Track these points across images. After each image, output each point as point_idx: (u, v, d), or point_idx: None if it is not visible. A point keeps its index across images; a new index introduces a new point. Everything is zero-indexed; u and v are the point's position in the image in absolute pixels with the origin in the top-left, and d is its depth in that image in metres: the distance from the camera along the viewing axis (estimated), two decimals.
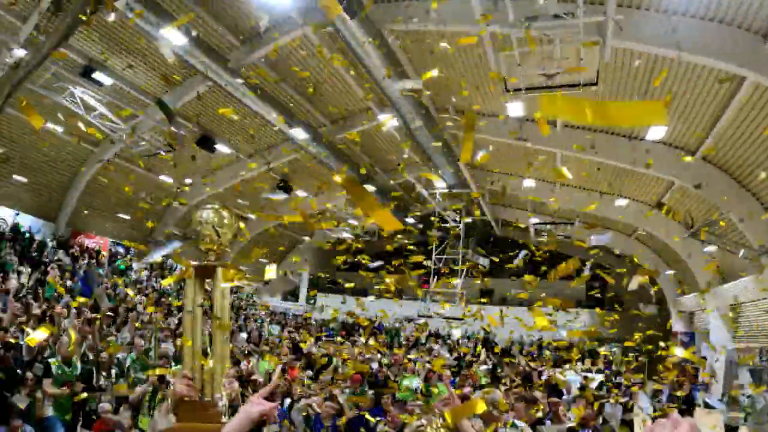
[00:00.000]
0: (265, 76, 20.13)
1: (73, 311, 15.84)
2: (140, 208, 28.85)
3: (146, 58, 20.54)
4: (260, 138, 26.26)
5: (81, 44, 19.37)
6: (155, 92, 22.37)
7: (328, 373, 13.61)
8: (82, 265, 25.20)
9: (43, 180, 26.90)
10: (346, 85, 21.02)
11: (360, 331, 31.77)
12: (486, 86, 18.72)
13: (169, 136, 23.01)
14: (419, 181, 25.76)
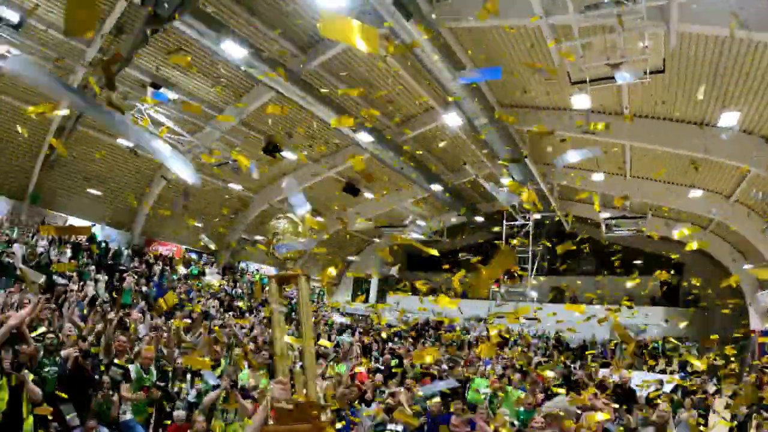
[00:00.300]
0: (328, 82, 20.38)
1: (149, 317, 16.34)
2: (210, 216, 29.74)
3: (208, 71, 21.03)
4: (327, 142, 26.36)
5: (145, 63, 20.05)
6: (219, 104, 22.98)
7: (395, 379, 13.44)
8: (156, 271, 25.87)
9: (117, 192, 27.99)
10: (408, 86, 20.94)
11: (430, 332, 31.67)
12: (550, 80, 18.20)
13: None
14: (486, 179, 25.42)
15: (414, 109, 22.87)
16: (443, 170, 27.51)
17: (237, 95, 22.63)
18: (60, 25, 18.26)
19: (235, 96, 22.67)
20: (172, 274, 26.46)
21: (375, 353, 19.01)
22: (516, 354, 22.16)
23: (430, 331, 32.64)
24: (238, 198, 31.24)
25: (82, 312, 15.43)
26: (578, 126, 18.16)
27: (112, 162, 26.46)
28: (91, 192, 27.43)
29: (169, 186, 28.72)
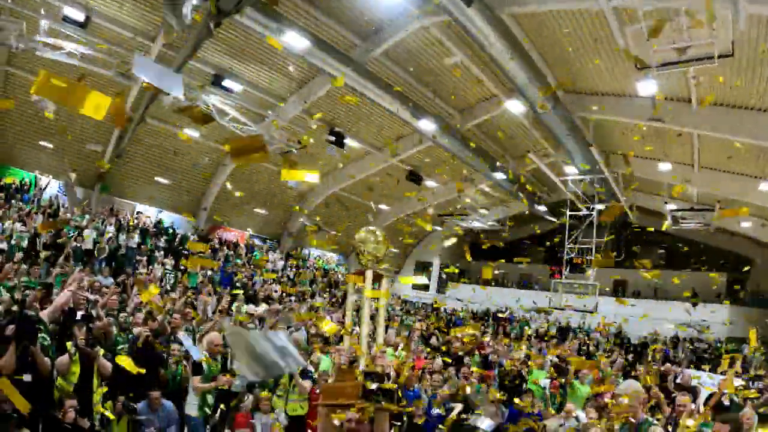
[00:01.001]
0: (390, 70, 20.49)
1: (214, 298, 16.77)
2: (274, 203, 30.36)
3: (271, 62, 21.35)
4: (389, 130, 26.51)
5: (209, 55, 20.68)
6: (282, 93, 23.31)
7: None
8: (221, 256, 26.46)
9: (183, 180, 29.00)
10: (470, 74, 20.82)
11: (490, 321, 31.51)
12: (614, 65, 17.90)
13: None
14: (549, 168, 25.10)
15: (476, 96, 22.69)
16: (506, 159, 27.30)
17: (299, 85, 22.95)
18: (124, 22, 19.04)
19: (298, 85, 22.99)
20: (236, 259, 27.02)
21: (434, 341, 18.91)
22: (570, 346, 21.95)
23: (490, 320, 32.51)
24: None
25: None
26: (653, 115, 17.75)
27: (178, 150, 27.28)
28: (159, 180, 28.39)
29: (233, 175, 29.46)
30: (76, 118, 23.49)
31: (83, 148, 25.19)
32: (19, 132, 24.49)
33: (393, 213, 36.29)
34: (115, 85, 22.06)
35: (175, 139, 26.02)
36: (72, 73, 20.59)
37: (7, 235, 18.46)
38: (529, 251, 41.72)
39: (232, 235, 33.19)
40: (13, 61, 21.81)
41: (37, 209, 22.26)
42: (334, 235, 35.64)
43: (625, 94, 19.19)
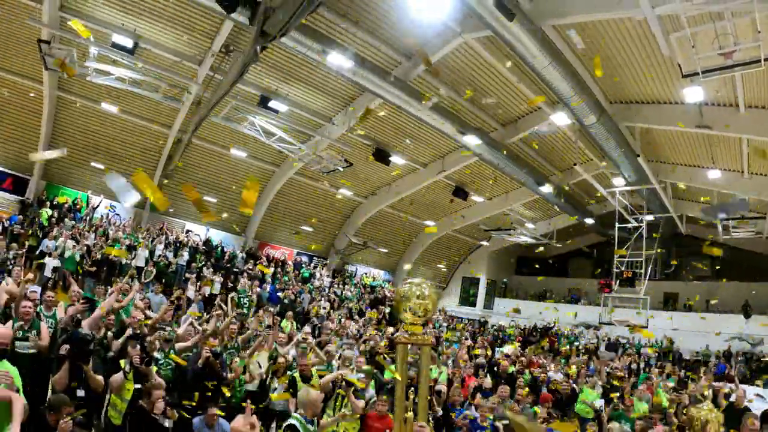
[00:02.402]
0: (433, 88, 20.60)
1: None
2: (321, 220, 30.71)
3: (316, 82, 21.73)
4: (434, 147, 26.64)
5: (255, 78, 21.18)
6: (327, 113, 23.69)
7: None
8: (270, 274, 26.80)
9: (231, 199, 29.49)
10: (513, 88, 20.79)
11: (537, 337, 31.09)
12: (659, 72, 17.61)
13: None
14: (596, 180, 24.74)
15: (521, 109, 22.61)
16: (552, 171, 27.09)
17: (344, 103, 23.20)
18: (170, 47, 19.81)
19: (343, 104, 23.24)
20: (283, 276, 27.27)
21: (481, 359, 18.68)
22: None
23: (537, 336, 32.11)
24: (342, 202, 32.05)
25: (201, 311, 16.34)
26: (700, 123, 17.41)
27: (225, 170, 27.97)
28: (207, 199, 28.86)
29: (281, 193, 29.91)
30: (126, 142, 24.42)
31: (134, 170, 25.75)
32: (72, 154, 25.19)
33: (440, 228, 36.22)
34: (164, 109, 22.77)
35: (222, 158, 26.70)
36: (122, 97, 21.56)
37: (60, 252, 19.01)
38: (577, 265, 41.24)
39: (280, 252, 33.52)
40: (64, 87, 22.65)
41: (89, 228, 22.85)
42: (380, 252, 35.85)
43: (671, 101, 18.92)
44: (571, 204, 28.88)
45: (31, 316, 7.91)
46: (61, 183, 26.89)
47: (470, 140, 21.51)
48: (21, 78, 22.36)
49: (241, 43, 18.54)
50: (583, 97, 16.81)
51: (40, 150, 23.07)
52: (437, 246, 39.31)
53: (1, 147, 25.26)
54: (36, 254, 19.71)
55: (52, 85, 22.52)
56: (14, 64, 21.89)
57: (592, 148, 22.40)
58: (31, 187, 26.01)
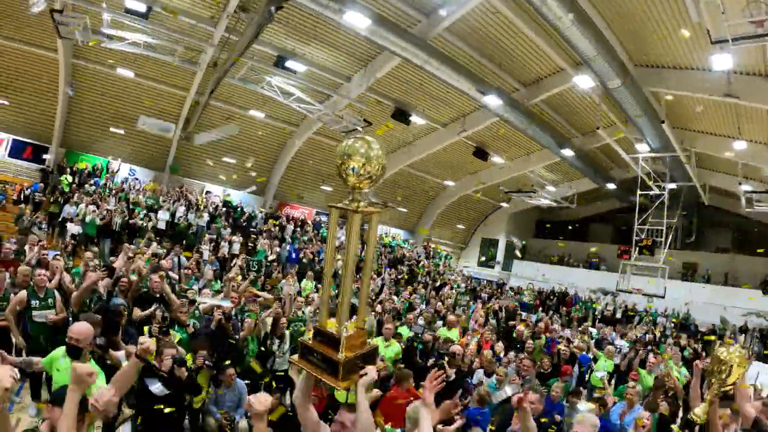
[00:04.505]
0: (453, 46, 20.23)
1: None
2: (340, 180, 30.47)
3: (333, 42, 21.42)
4: (454, 107, 26.28)
5: (271, 38, 20.96)
6: (346, 72, 23.40)
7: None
8: (288, 233, 26.94)
9: (249, 159, 29.43)
10: (536, 48, 20.35)
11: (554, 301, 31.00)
12: (687, 38, 17.12)
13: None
14: (619, 144, 24.34)
15: (543, 70, 22.14)
16: (574, 134, 26.71)
17: (363, 63, 22.88)
18: (183, 9, 19.57)
19: (361, 64, 22.93)
20: (302, 236, 27.34)
21: (493, 321, 18.64)
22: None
23: (554, 300, 32.03)
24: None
25: (216, 271, 16.43)
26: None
27: (244, 131, 27.76)
28: (226, 160, 28.98)
29: (300, 153, 29.85)
30: (143, 106, 24.40)
31: (152, 135, 26.10)
32: (90, 120, 25.52)
33: (459, 189, 36.06)
34: (181, 72, 22.64)
35: (240, 119, 26.59)
36: (138, 61, 21.45)
37: (81, 217, 19.16)
38: (596, 230, 41.00)
39: (299, 212, 33.75)
40: (79, 54, 22.63)
41: (110, 192, 23.00)
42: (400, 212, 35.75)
43: (699, 68, 18.42)
44: (592, 168, 28.53)
45: (45, 284, 7.98)
46: (80, 149, 27.15)
47: (491, 100, 21.12)
48: (36, 48, 22.56)
49: (256, 3, 18.24)
50: (607, 59, 16.39)
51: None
52: (456, 206, 39.20)
53: (20, 117, 25.62)
54: (58, 221, 19.97)
55: (67, 53, 22.58)
56: (29, 35, 22.11)
57: (616, 112, 21.97)
58: (51, 155, 26.25)
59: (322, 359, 3.31)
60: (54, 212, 20.46)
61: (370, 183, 3.40)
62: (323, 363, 3.29)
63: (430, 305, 19.78)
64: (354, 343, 3.37)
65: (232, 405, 8.07)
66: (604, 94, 20.00)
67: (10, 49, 22.62)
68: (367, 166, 3.26)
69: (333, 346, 3.33)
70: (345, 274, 3.46)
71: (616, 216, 37.79)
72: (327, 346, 3.36)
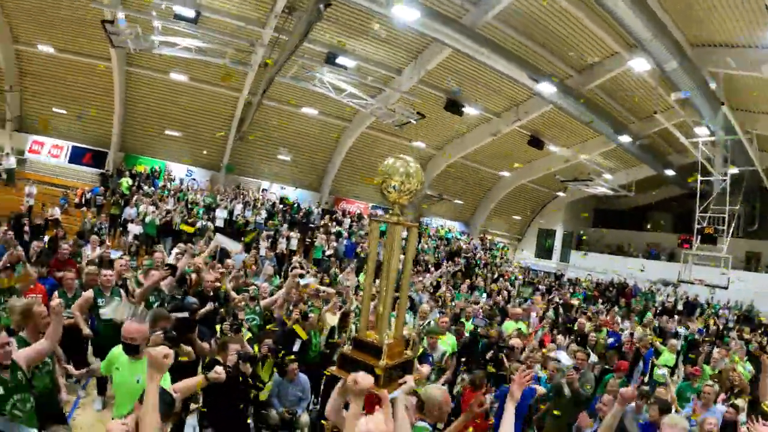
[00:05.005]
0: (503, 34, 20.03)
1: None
2: None
3: (382, 36, 21.33)
4: (507, 96, 26.06)
5: (321, 35, 21.11)
6: (397, 65, 23.37)
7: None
8: (345, 228, 27.15)
9: (305, 156, 30.43)
10: (588, 32, 19.97)
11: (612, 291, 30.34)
12: (745, 14, 16.51)
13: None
14: (678, 129, 23.68)
15: (597, 55, 21.68)
16: (631, 120, 26.12)
17: (413, 55, 22.81)
18: (232, 12, 20.08)
19: (411, 56, 22.86)
20: (359, 230, 27.47)
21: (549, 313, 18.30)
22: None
23: (613, 291, 31.42)
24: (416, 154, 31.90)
25: (275, 267, 16.63)
26: None
27: (298, 129, 28.25)
28: (281, 158, 29.33)
29: (354, 148, 30.05)
30: (198, 109, 24.94)
31: (207, 135, 26.65)
32: (146, 124, 26.28)
33: (515, 179, 35.70)
34: (233, 73, 23.01)
35: (294, 117, 26.86)
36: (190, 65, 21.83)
37: (141, 218, 19.65)
38: (655, 218, 40.06)
39: (355, 206, 34.04)
40: (132, 62, 23.33)
41: (168, 193, 23.53)
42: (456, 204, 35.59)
43: (759, 45, 17.78)
44: (650, 154, 27.86)
45: (110, 284, 8.17)
46: (138, 153, 27.97)
47: (544, 88, 20.79)
48: (91, 58, 23.48)
49: (304, 2, 18.34)
50: (662, 39, 15.94)
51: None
52: (512, 197, 38.78)
53: (79, 125, 26.66)
54: (119, 222, 20.53)
55: (121, 62, 23.32)
56: (83, 46, 23.07)
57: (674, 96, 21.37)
58: (110, 160, 27.51)
59: (362, 368, 3.36)
60: (115, 214, 21.14)
61: (410, 198, 3.57)
62: (363, 371, 3.32)
63: (490, 298, 19.65)
64: (394, 352, 3.44)
65: (294, 399, 8.14)
66: (660, 76, 19.50)
67: (66, 60, 23.72)
68: (406, 183, 3.43)
69: (373, 355, 3.38)
70: (385, 285, 3.51)
71: (676, 203, 36.79)
72: (367, 355, 3.43)
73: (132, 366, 5.16)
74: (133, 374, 5.10)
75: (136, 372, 5.08)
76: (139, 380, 4.98)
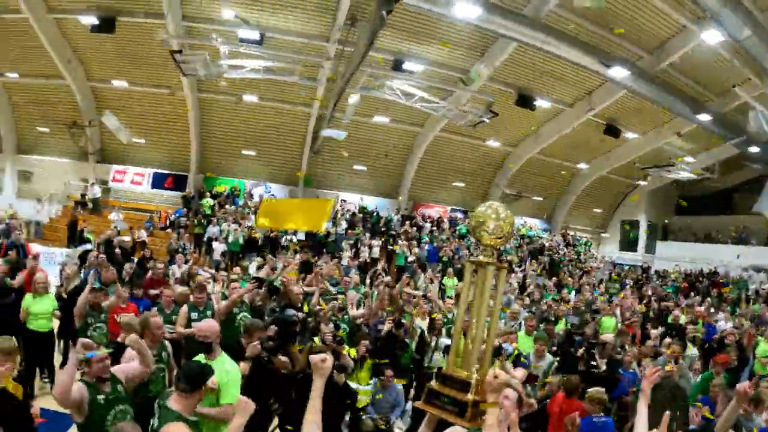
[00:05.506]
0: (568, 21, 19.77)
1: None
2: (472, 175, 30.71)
3: (447, 37, 21.59)
4: (579, 85, 25.70)
5: (385, 43, 21.41)
6: (463, 66, 23.47)
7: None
8: (426, 233, 27.17)
9: (380, 165, 30.91)
10: (653, 8, 19.54)
11: None
12: None
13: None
14: (759, 101, 22.78)
15: (665, 32, 21.15)
16: (709, 97, 25.27)
17: (479, 54, 22.81)
18: (295, 30, 21.03)
19: (478, 54, 22.85)
20: (440, 234, 27.48)
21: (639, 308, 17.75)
22: None
23: (703, 281, 30.27)
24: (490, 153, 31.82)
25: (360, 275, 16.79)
26: None
27: (370, 138, 28.92)
28: (357, 168, 29.85)
29: (429, 152, 30.25)
30: (271, 126, 25.55)
31: (282, 152, 27.26)
32: (222, 146, 27.18)
33: (593, 171, 35.01)
34: (302, 89, 23.49)
35: (367, 126, 27.21)
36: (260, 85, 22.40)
37: (225, 236, 20.27)
38: (742, 201, 38.36)
39: (434, 210, 33.99)
40: (203, 88, 24.34)
41: (249, 210, 24.18)
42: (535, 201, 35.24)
43: None
44: (732, 132, 26.87)
45: (203, 301, 8.53)
46: (216, 174, 28.86)
47: (616, 72, 20.28)
48: (163, 89, 24.81)
49: (364, 11, 18.59)
50: (732, 7, 15.37)
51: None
52: (592, 190, 37.90)
53: (158, 152, 28.35)
54: (203, 241, 21.23)
55: (193, 89, 24.23)
56: (155, 78, 24.41)
57: (753, 66, 20.64)
58: (190, 182, 28.63)
59: (449, 401, 3.47)
60: (199, 233, 21.87)
61: (503, 241, 3.66)
62: (451, 405, 3.45)
63: (579, 294, 19.39)
64: (481, 388, 3.51)
65: (388, 406, 8.24)
66: (735, 47, 18.86)
67: (139, 93, 25.18)
68: (498, 227, 3.55)
69: (461, 390, 3.47)
70: (475, 321, 3.59)
71: (764, 183, 35.15)
72: (454, 390, 3.52)
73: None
74: None
75: None
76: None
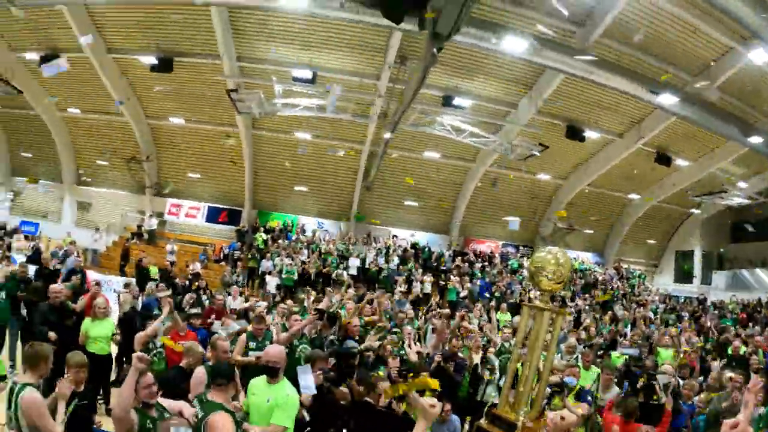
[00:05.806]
0: None
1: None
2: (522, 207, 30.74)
3: (494, 71, 22.03)
4: (628, 114, 25.65)
5: (434, 80, 21.52)
6: (512, 100, 23.82)
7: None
8: (478, 269, 27.16)
9: (432, 200, 31.17)
10: (696, 31, 19.49)
11: None
12: None
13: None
14: None
15: (711, 54, 20.98)
16: (760, 118, 24.87)
17: (527, 87, 23.10)
18: (347, 69, 21.79)
19: (526, 88, 23.15)
20: (491, 269, 27.46)
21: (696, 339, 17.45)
22: None
23: (761, 311, 29.35)
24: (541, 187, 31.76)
25: None
26: None
27: (423, 174, 29.10)
28: (408, 204, 30.23)
29: (479, 188, 30.61)
30: (323, 163, 26.26)
31: (334, 188, 27.69)
32: (275, 182, 27.93)
33: (645, 201, 34.52)
34: (354, 126, 23.97)
35: (417, 162, 27.58)
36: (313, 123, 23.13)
37: (278, 270, 20.73)
38: None
39: (486, 246, 33.95)
40: (257, 125, 25.34)
41: (302, 245, 24.64)
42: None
43: None
44: None
45: (263, 332, 8.77)
46: (270, 209, 29.62)
47: (665, 99, 20.17)
48: (219, 126, 25.80)
49: (414, 50, 19.03)
50: None
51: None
52: (644, 220, 37.32)
53: (212, 187, 29.36)
54: (257, 274, 21.73)
55: (247, 126, 25.04)
56: (210, 115, 25.41)
57: None
58: (244, 217, 29.47)
59: None
60: (253, 267, 22.39)
61: (562, 286, 3.87)
62: None
63: (635, 327, 19.20)
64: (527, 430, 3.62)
65: None
66: None
67: (195, 129, 26.25)
68: (557, 272, 3.72)
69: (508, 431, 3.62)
70: (528, 365, 3.70)
71: None
72: (502, 431, 3.64)
73: (267, 388, 5.66)
74: (266, 395, 5.59)
75: (268, 393, 5.59)
76: (269, 400, 5.50)
